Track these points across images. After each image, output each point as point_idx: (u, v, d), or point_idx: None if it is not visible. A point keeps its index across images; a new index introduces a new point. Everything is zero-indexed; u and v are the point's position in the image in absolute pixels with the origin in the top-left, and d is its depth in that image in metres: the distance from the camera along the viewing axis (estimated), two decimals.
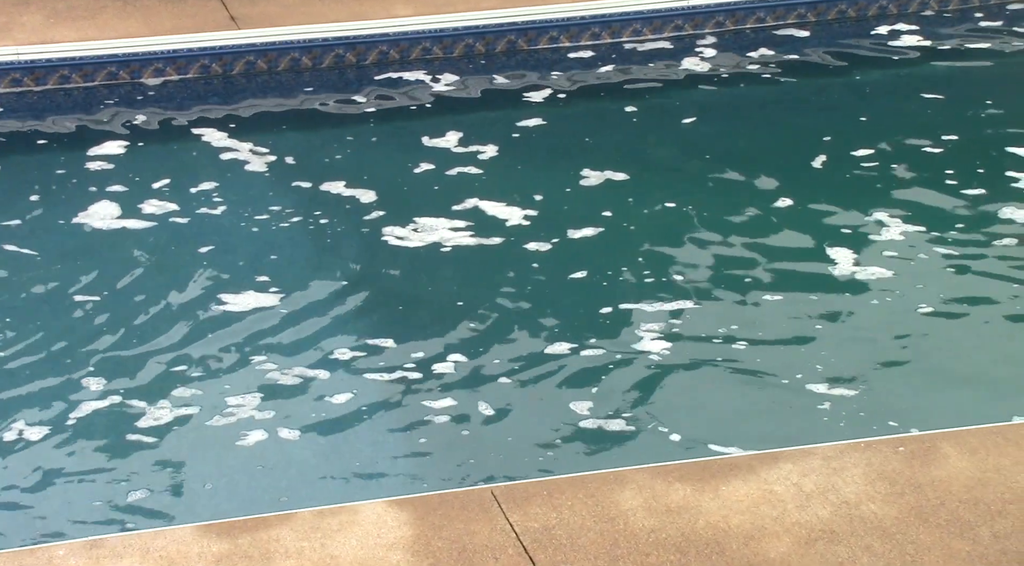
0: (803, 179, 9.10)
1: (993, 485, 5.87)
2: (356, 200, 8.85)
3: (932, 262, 8.14)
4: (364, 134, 9.76)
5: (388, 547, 5.70)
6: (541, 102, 10.05)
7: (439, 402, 7.11)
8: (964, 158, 9.25)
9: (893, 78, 10.44)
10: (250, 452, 6.80)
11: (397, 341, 7.54)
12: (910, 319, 7.63)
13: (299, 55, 10.58)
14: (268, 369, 7.37)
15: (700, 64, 10.49)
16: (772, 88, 10.31)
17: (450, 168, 9.20)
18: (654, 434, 6.81)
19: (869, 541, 5.61)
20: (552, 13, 10.86)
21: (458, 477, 6.52)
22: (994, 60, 10.61)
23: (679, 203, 8.85)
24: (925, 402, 6.96)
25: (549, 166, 9.28)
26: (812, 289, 7.94)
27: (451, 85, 10.27)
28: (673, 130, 9.76)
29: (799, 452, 6.14)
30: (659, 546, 5.63)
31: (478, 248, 8.37)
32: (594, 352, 7.40)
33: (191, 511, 6.39)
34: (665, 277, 8.04)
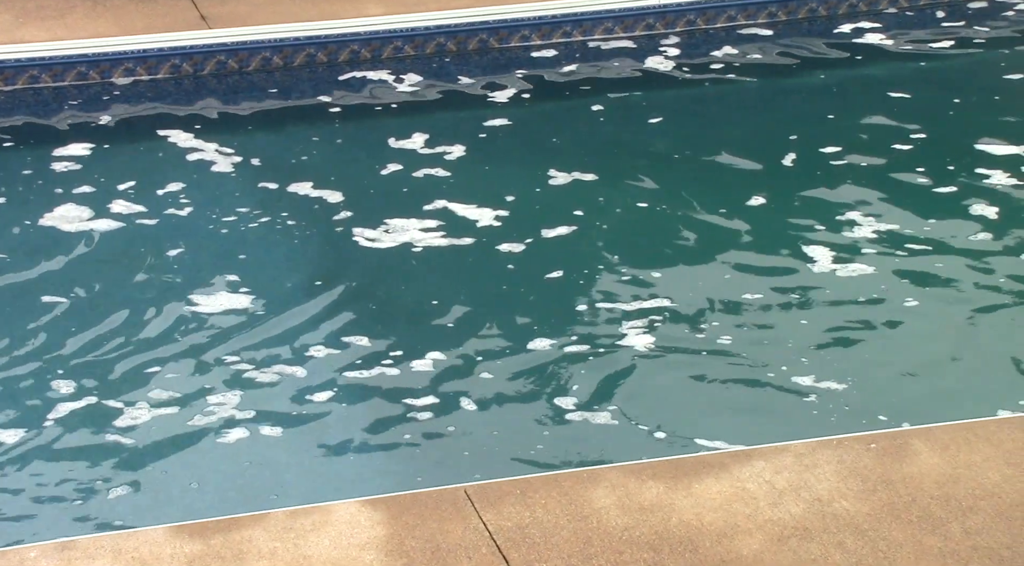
0: (774, 177, 9.13)
1: (964, 481, 5.89)
2: (324, 201, 8.84)
3: (905, 259, 8.17)
4: (331, 134, 9.74)
5: (361, 547, 5.69)
6: (506, 102, 10.05)
7: (413, 401, 7.10)
8: (933, 155, 9.29)
9: (858, 77, 10.47)
10: (223, 452, 6.78)
11: (371, 340, 7.53)
12: (887, 315, 7.66)
13: (270, 55, 10.56)
14: (241, 369, 7.35)
15: (664, 63, 10.51)
16: (736, 87, 10.34)
17: (418, 169, 9.19)
18: (633, 431, 6.81)
19: (841, 538, 5.63)
20: (524, 12, 10.87)
21: (432, 476, 6.52)
22: (957, 58, 10.66)
23: (651, 202, 8.87)
24: (900, 397, 6.98)
25: (517, 166, 9.28)
26: (788, 285, 7.96)
27: (417, 85, 10.26)
28: (641, 129, 9.77)
29: (772, 449, 6.16)
30: (632, 544, 5.64)
31: (450, 248, 8.37)
32: (571, 350, 7.40)
33: (163, 511, 6.37)
34: (642, 275, 8.05)
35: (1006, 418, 6.33)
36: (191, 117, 9.90)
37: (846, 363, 7.25)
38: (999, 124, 9.66)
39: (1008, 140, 9.36)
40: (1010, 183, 8.93)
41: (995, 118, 9.81)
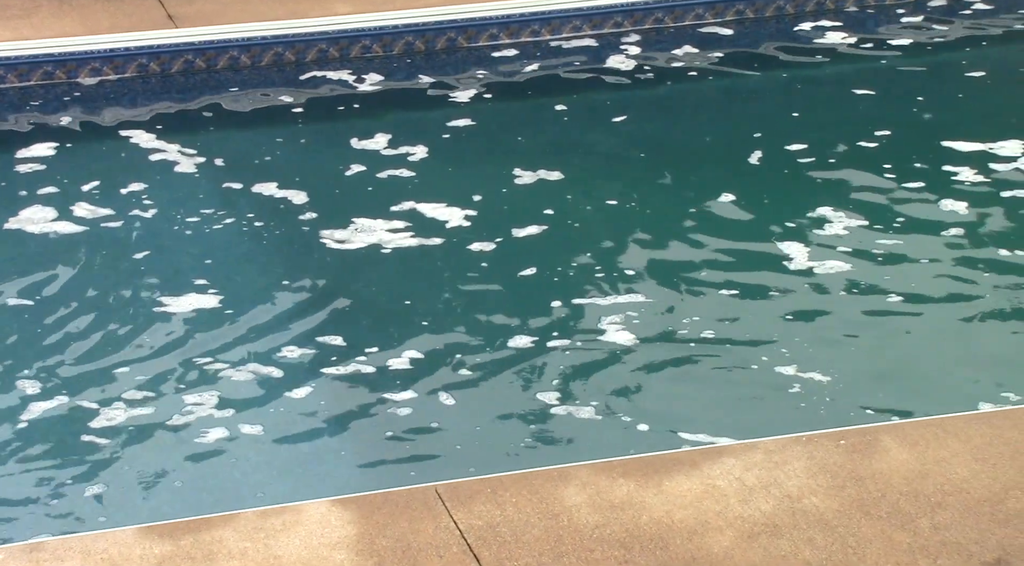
0: (742, 175, 9.15)
1: (933, 477, 5.92)
2: (289, 201, 8.81)
3: (877, 256, 8.20)
4: (294, 134, 9.71)
5: (332, 546, 5.68)
6: (468, 102, 10.04)
7: (385, 401, 7.09)
8: (900, 152, 9.33)
9: (820, 75, 10.50)
10: (192, 452, 6.76)
11: (342, 340, 7.52)
12: (862, 310, 7.68)
13: (238, 54, 10.53)
14: (211, 370, 7.33)
15: (625, 62, 10.52)
16: (699, 86, 10.35)
17: (383, 169, 9.17)
18: (608, 427, 6.82)
19: (811, 534, 5.65)
20: (493, 10, 10.86)
21: (403, 475, 6.51)
22: (919, 56, 10.70)
23: (621, 200, 8.88)
24: (875, 393, 7.01)
25: (482, 166, 9.27)
26: (761, 281, 7.98)
27: (378, 84, 10.23)
28: (605, 129, 9.78)
29: (741, 446, 6.17)
30: (603, 542, 5.65)
31: (421, 248, 8.36)
32: (545, 348, 7.41)
33: (133, 512, 6.34)
34: (616, 273, 8.06)
35: (975, 414, 6.36)
36: (156, 117, 9.87)
37: (824, 358, 7.26)
38: (964, 121, 9.71)
39: (974, 137, 9.41)
40: (978, 180, 8.97)
41: (960, 115, 9.85)
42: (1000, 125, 9.57)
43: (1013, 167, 9.10)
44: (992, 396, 6.91)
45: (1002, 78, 10.30)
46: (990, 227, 8.51)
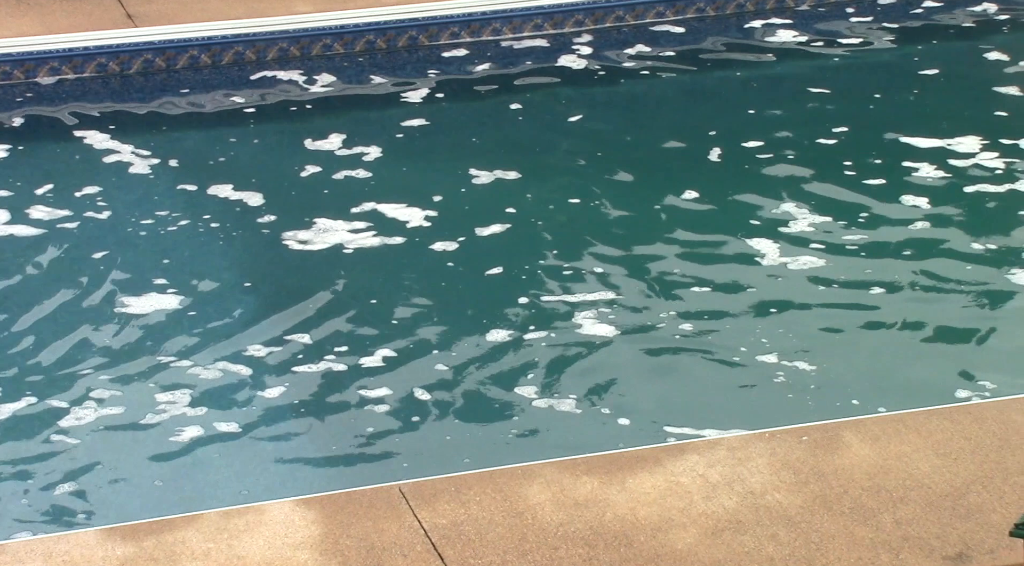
0: (704, 172, 9.17)
1: (894, 472, 5.95)
2: (246, 203, 8.78)
3: (843, 251, 8.23)
4: (247, 135, 9.68)
5: (295, 546, 5.67)
6: (421, 102, 10.02)
7: (349, 400, 7.08)
8: (859, 149, 9.37)
9: (774, 73, 10.53)
10: (154, 453, 6.73)
11: (307, 340, 7.50)
12: (828, 305, 7.72)
13: (198, 53, 10.49)
14: (173, 371, 7.30)
15: (577, 61, 10.52)
16: (653, 84, 10.36)
17: (339, 170, 9.14)
18: (575, 424, 6.84)
19: (774, 530, 5.66)
20: (455, 8, 10.85)
21: (367, 474, 6.50)
22: (870, 54, 10.74)
23: (584, 198, 8.88)
24: (839, 388, 7.04)
25: (439, 166, 9.26)
26: (727, 276, 8.00)
27: (330, 85, 10.19)
28: (561, 127, 9.78)
29: (705, 443, 6.19)
30: (567, 539, 5.65)
31: (384, 248, 8.35)
32: (512, 346, 7.41)
33: (95, 514, 6.31)
34: (583, 269, 8.07)
35: (935, 409, 6.39)
36: (111, 117, 9.81)
37: (792, 352, 7.29)
38: (921, 118, 9.75)
39: (932, 134, 9.45)
40: (938, 175, 9.02)
41: (916, 113, 9.90)
42: (957, 122, 9.63)
43: (972, 163, 9.15)
44: (954, 390, 6.95)
45: (956, 75, 10.36)
46: (953, 222, 8.56)
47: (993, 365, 7.19)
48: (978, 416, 6.26)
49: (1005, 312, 7.72)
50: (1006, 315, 7.69)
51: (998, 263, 8.11)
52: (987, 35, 10.87)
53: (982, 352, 7.39)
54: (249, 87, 10.20)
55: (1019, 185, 8.90)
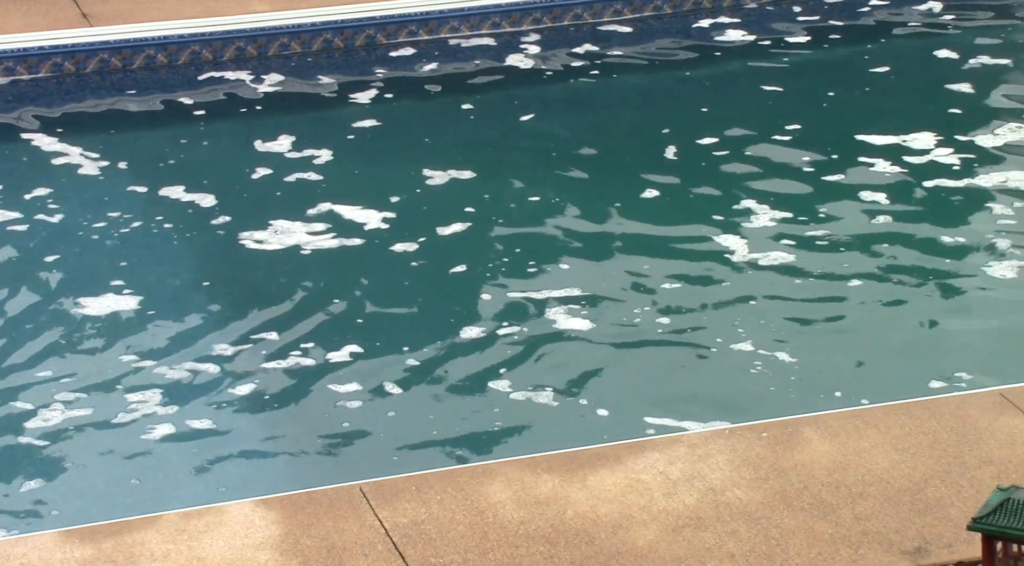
0: (661, 169, 9.18)
1: (854, 468, 5.98)
2: (198, 204, 8.74)
3: (805, 246, 8.25)
4: (197, 136, 9.63)
5: (256, 547, 5.65)
6: (369, 102, 10.00)
7: (311, 400, 7.06)
8: (815, 146, 9.41)
9: (724, 71, 10.56)
10: (115, 454, 6.70)
11: (268, 340, 7.47)
12: (791, 299, 7.75)
13: (154, 52, 10.44)
14: (133, 371, 7.26)
15: (526, 61, 10.53)
16: (604, 83, 10.37)
17: (291, 171, 9.11)
18: (539, 421, 6.84)
19: (735, 526, 5.68)
20: (410, 7, 10.83)
21: (327, 474, 6.48)
22: (819, 52, 10.78)
23: (543, 197, 8.89)
24: (803, 382, 7.07)
25: (392, 167, 9.24)
26: (689, 271, 8.02)
27: (278, 85, 10.16)
28: (513, 126, 9.78)
29: (665, 440, 6.20)
30: (528, 538, 5.65)
31: (344, 249, 8.32)
32: (478, 345, 7.41)
33: (53, 516, 6.27)
34: (549, 266, 8.08)
35: (894, 404, 6.42)
36: (59, 118, 9.75)
37: (753, 344, 7.32)
38: (874, 116, 9.80)
39: (886, 130, 9.50)
40: (895, 170, 9.07)
41: (869, 110, 9.94)
42: (910, 119, 9.68)
43: (928, 159, 9.20)
44: (913, 385, 6.99)
45: (905, 73, 10.42)
46: (911, 218, 8.60)
47: (952, 359, 7.24)
48: (936, 411, 6.29)
49: (963, 307, 7.77)
50: (965, 310, 7.74)
51: (957, 257, 8.16)
52: (933, 34, 10.94)
53: (941, 347, 7.43)
54: (204, 86, 10.16)
55: (974, 180, 8.95)
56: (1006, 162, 9.14)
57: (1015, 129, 9.51)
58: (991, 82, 10.15)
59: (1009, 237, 8.29)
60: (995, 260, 8.08)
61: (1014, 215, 8.52)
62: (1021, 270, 7.97)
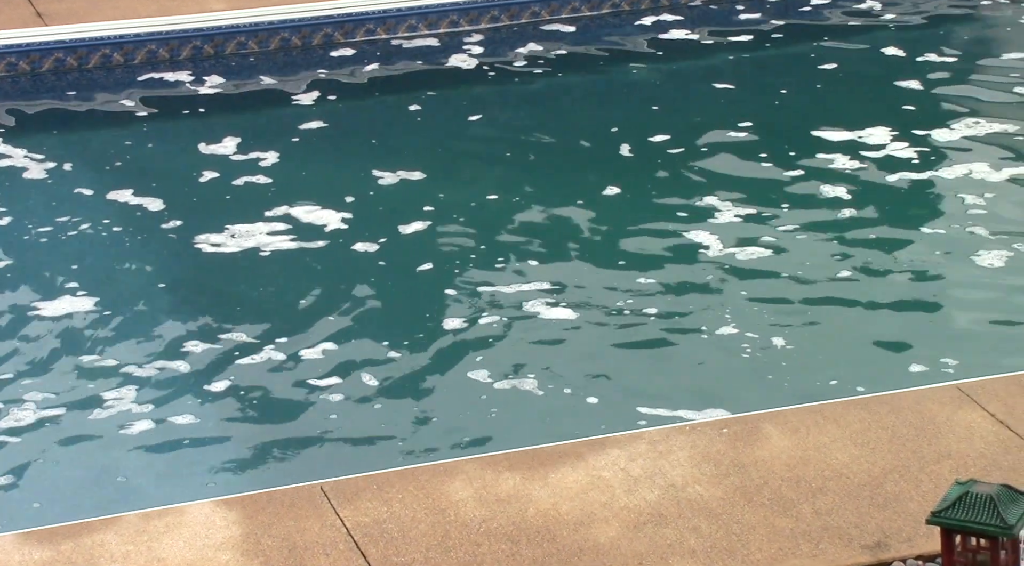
0: (617, 167, 9.19)
1: (813, 463, 6.00)
2: (146, 208, 8.69)
3: (770, 241, 8.28)
4: (142, 138, 9.59)
5: (216, 547, 5.63)
6: (313, 103, 9.98)
7: (270, 400, 7.04)
8: (771, 143, 9.44)
9: (673, 70, 10.58)
10: (73, 456, 6.66)
11: (227, 341, 7.45)
12: (752, 295, 7.77)
13: (110, 52, 10.38)
14: (91, 373, 7.23)
15: (468, 61, 10.53)
16: (550, 82, 10.38)
17: (239, 174, 9.08)
18: (492, 424, 6.84)
19: (696, 522, 5.69)
20: (369, 5, 10.81)
21: (288, 474, 6.46)
22: (763, 50, 10.82)
23: (501, 195, 8.89)
24: (770, 376, 7.10)
25: (342, 168, 9.23)
26: (653, 267, 8.03)
27: (220, 86, 10.12)
28: (460, 126, 9.77)
29: (626, 437, 6.21)
30: (490, 535, 5.65)
31: (303, 251, 8.29)
32: (446, 343, 7.41)
33: (13, 519, 6.23)
34: (514, 263, 8.09)
35: (853, 399, 6.45)
36: (7, 118, 9.68)
37: (717, 339, 7.35)
38: (828, 112, 9.84)
39: (841, 126, 9.54)
40: (854, 165, 9.11)
41: (822, 106, 9.99)
42: (863, 114, 9.73)
43: (884, 154, 9.25)
44: (872, 379, 7.02)
45: (853, 70, 10.47)
46: (874, 211, 8.65)
47: (911, 353, 7.28)
48: (895, 406, 6.33)
49: (923, 300, 7.81)
50: (924, 303, 7.78)
51: (918, 251, 8.22)
52: (875, 32, 11.01)
53: (900, 340, 7.47)
54: (158, 86, 10.11)
55: (931, 175, 9.01)
56: (961, 155, 9.21)
57: (971, 123, 9.57)
58: (937, 78, 10.23)
59: (968, 232, 8.35)
60: (956, 254, 8.14)
61: (970, 209, 8.58)
62: (982, 264, 8.03)
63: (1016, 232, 8.28)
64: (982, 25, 11.10)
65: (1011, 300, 7.70)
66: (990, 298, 7.73)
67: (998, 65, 10.40)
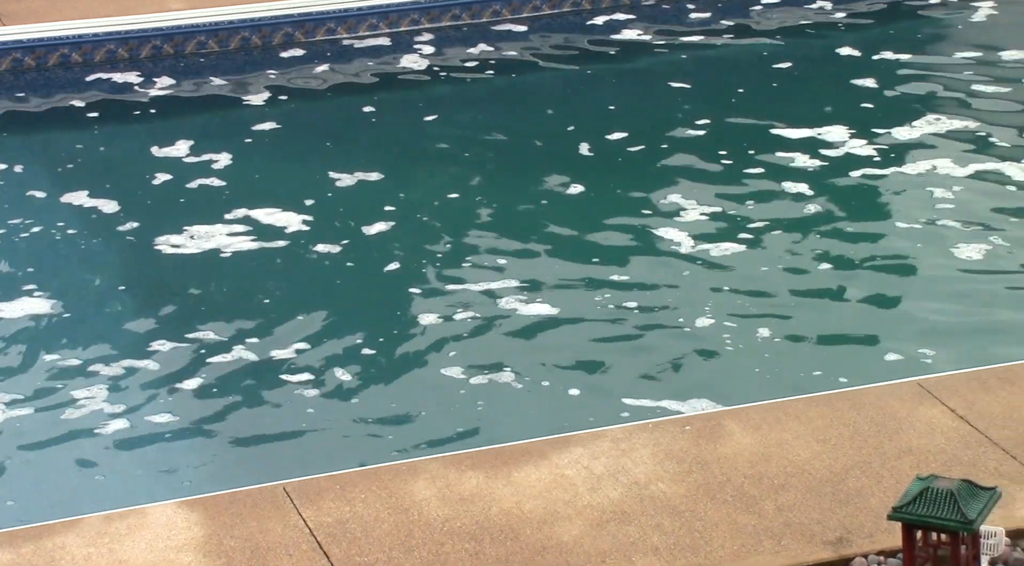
0: (577, 165, 9.19)
1: (775, 460, 6.02)
2: (101, 210, 8.65)
3: (732, 240, 8.30)
4: (93, 141, 9.54)
5: (179, 549, 5.61)
6: (263, 104, 9.96)
7: (232, 400, 7.02)
8: (730, 140, 9.47)
9: (626, 69, 10.60)
10: (34, 458, 6.62)
11: (187, 343, 7.42)
12: (720, 291, 7.80)
13: (69, 51, 10.33)
14: (51, 374, 7.19)
15: (420, 61, 10.52)
16: (502, 81, 10.38)
17: (193, 176, 9.04)
18: (455, 423, 6.84)
19: (659, 520, 5.70)
20: (333, 4, 10.79)
21: (250, 475, 6.44)
22: (718, 49, 10.85)
23: (463, 195, 8.89)
24: (715, 378, 7.12)
25: (298, 170, 9.20)
26: (620, 265, 8.05)
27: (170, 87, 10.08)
28: (414, 126, 9.76)
29: (589, 435, 6.22)
30: (453, 535, 5.65)
31: (264, 252, 8.27)
32: (401, 343, 7.41)
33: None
34: (480, 261, 8.09)
35: (814, 396, 6.48)
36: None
37: (681, 335, 7.38)
38: (784, 110, 9.87)
39: (799, 124, 9.58)
40: (815, 163, 9.14)
41: (779, 105, 10.02)
42: (820, 112, 9.77)
43: (844, 151, 9.29)
44: (833, 376, 7.05)
45: (807, 69, 10.52)
46: (832, 209, 8.68)
47: (873, 349, 7.32)
48: (856, 402, 6.35)
49: (884, 296, 7.85)
50: (885, 299, 7.82)
51: (878, 248, 8.26)
52: (827, 31, 11.05)
53: (862, 337, 7.50)
54: (86, 89, 10.05)
55: (888, 171, 9.05)
56: (921, 152, 9.26)
57: (931, 120, 9.62)
58: (893, 76, 10.29)
59: (930, 228, 8.40)
60: (918, 250, 8.19)
61: (930, 206, 8.63)
62: (943, 261, 8.07)
63: (978, 228, 8.33)
64: (933, 24, 11.17)
65: (971, 296, 7.75)
66: (950, 294, 7.77)
67: (951, 63, 10.46)
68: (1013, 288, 7.81)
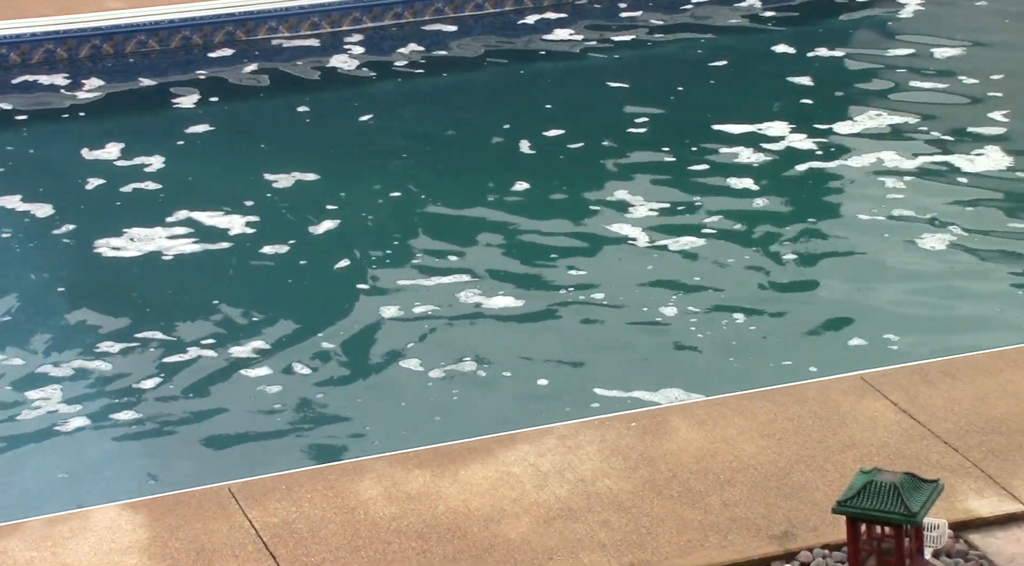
0: (516, 163, 9.20)
1: (721, 455, 6.04)
2: (34, 214, 8.59)
3: (677, 235, 8.33)
4: (21, 144, 9.46)
5: (123, 551, 5.57)
6: (194, 106, 9.91)
7: (175, 401, 6.98)
8: (672, 137, 9.50)
9: (559, 67, 10.61)
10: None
11: (129, 344, 7.38)
12: (672, 288, 7.84)
13: (6, 51, 10.23)
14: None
15: (350, 61, 10.51)
16: (434, 81, 10.38)
17: (128, 178, 8.99)
18: (400, 421, 6.83)
19: (606, 516, 5.72)
20: (272, 3, 10.74)
21: (195, 476, 6.41)
22: (651, 48, 10.88)
23: (405, 193, 8.88)
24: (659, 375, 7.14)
25: (235, 171, 9.17)
26: (569, 261, 8.07)
27: (99, 89, 10.02)
28: (347, 126, 9.75)
29: (535, 432, 6.22)
30: (400, 533, 5.64)
31: (207, 253, 8.23)
32: (352, 342, 7.39)
33: None
34: (433, 257, 8.10)
35: (759, 391, 6.50)
36: None
37: (637, 330, 7.39)
38: (724, 107, 9.92)
39: (740, 120, 9.62)
40: (758, 158, 9.19)
41: (718, 102, 10.06)
42: (760, 108, 9.83)
43: (785, 145, 9.35)
44: (776, 370, 7.09)
45: (742, 67, 10.57)
46: (776, 204, 8.73)
47: (814, 343, 7.36)
48: (800, 397, 6.39)
49: (826, 291, 7.90)
50: (828, 294, 7.87)
51: (821, 242, 8.32)
52: (758, 29, 11.11)
53: (804, 331, 7.55)
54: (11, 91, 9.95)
55: (830, 165, 9.12)
56: (862, 146, 9.34)
57: (871, 115, 9.71)
58: (826, 72, 10.38)
59: (873, 223, 8.46)
60: (861, 245, 8.25)
61: (874, 201, 8.69)
62: (886, 255, 8.14)
63: (921, 224, 8.40)
64: (863, 21, 11.26)
65: (913, 290, 7.81)
66: (893, 288, 7.83)
67: (884, 58, 10.55)
68: (960, 281, 7.88)
